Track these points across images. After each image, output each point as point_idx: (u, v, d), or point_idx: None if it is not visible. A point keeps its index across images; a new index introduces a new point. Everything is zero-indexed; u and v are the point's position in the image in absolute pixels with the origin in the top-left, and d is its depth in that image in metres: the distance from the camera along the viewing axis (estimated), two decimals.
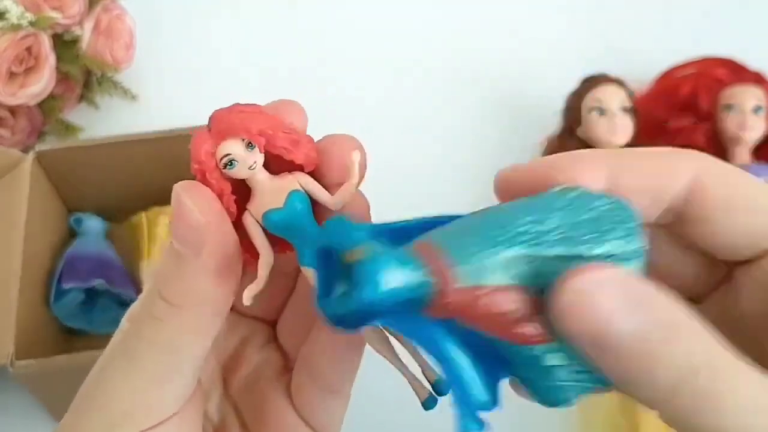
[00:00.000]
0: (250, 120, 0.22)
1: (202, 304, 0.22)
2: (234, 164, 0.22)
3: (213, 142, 0.22)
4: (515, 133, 0.72)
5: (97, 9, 0.67)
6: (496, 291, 0.19)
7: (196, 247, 0.21)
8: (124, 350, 0.23)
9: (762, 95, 0.65)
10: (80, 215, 0.60)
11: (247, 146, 0.22)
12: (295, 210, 0.22)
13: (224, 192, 0.22)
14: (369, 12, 0.81)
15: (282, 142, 0.22)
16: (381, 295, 0.18)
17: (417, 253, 0.19)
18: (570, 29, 0.81)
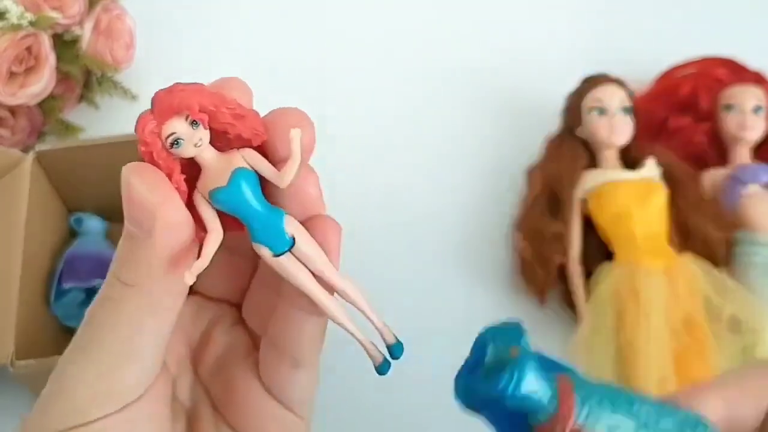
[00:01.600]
0: (191, 97, 0.22)
1: (156, 282, 0.22)
2: (180, 143, 0.22)
3: (157, 122, 0.22)
4: (515, 133, 0.72)
5: (97, 9, 0.67)
6: None
7: (146, 226, 0.22)
8: (82, 337, 0.23)
9: (762, 95, 0.65)
10: (80, 215, 0.60)
11: (191, 124, 0.22)
12: (240, 187, 0.22)
13: (173, 171, 0.22)
14: (369, 12, 0.81)
15: (226, 117, 0.22)
16: (517, 392, 0.22)
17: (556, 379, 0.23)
18: (570, 29, 0.81)
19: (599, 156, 0.63)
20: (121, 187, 0.22)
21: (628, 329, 0.55)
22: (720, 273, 0.59)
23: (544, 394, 0.22)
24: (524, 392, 0.22)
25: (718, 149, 0.67)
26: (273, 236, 0.23)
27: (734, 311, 0.56)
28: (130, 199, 0.22)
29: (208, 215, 0.23)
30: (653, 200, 0.60)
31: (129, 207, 0.22)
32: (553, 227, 0.61)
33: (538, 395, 0.22)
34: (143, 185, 0.22)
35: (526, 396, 0.22)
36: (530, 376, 0.22)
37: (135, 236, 0.22)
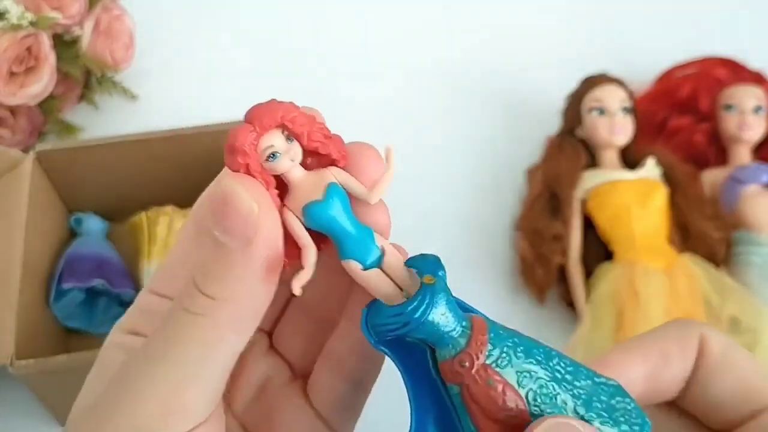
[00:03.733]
0: (291, 112, 0.22)
1: (246, 298, 0.21)
2: (276, 156, 0.22)
3: (256, 134, 0.21)
4: (515, 133, 0.72)
5: (97, 9, 0.67)
6: (507, 387, 0.21)
7: (246, 238, 0.21)
8: (155, 350, 0.21)
9: (762, 95, 0.65)
10: (80, 215, 0.60)
11: (287, 139, 0.22)
12: (335, 202, 0.22)
13: (269, 185, 0.22)
14: (369, 12, 0.81)
15: (318, 136, 0.22)
16: (425, 318, 0.21)
17: (470, 318, 0.22)
18: (570, 29, 0.81)
19: (599, 156, 0.63)
20: (217, 196, 0.21)
21: (628, 328, 0.55)
22: (719, 272, 0.59)
23: (455, 328, 0.22)
24: (432, 319, 0.21)
25: (718, 149, 0.67)
26: (364, 250, 0.22)
27: (733, 311, 0.56)
28: (230, 207, 0.21)
29: (301, 231, 0.22)
30: (653, 200, 0.60)
31: (228, 216, 0.21)
32: (553, 227, 0.61)
33: (447, 326, 0.21)
34: (248, 194, 0.21)
35: (434, 324, 0.21)
36: (441, 305, 0.21)
37: (226, 247, 0.21)
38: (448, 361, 0.22)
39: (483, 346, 0.21)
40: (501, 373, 0.21)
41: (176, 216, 0.58)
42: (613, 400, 0.22)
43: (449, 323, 0.22)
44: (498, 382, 0.21)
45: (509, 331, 0.22)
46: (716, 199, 0.63)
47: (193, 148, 0.58)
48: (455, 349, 0.22)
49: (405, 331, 0.21)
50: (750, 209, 0.61)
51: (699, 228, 0.60)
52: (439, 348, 0.22)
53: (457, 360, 0.21)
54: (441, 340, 0.22)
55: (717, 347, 0.24)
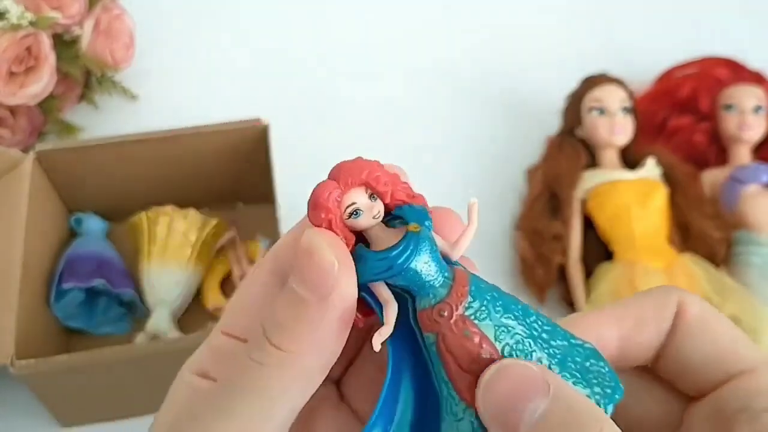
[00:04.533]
0: (375, 172, 0.22)
1: (314, 353, 0.21)
2: (359, 213, 0.22)
3: (340, 192, 0.22)
4: (515, 133, 0.72)
5: (97, 9, 0.67)
6: (483, 339, 0.21)
7: (323, 292, 0.21)
8: (221, 399, 0.21)
9: (762, 95, 0.65)
10: (80, 215, 0.60)
11: (370, 197, 0.22)
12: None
13: (349, 242, 0.22)
14: (369, 12, 0.81)
15: (401, 195, 0.23)
16: (407, 263, 0.21)
17: (453, 270, 0.22)
18: (570, 29, 0.81)
19: (599, 156, 0.63)
20: (299, 248, 0.21)
21: None
22: (719, 272, 0.59)
23: (436, 277, 0.22)
24: (415, 266, 0.21)
25: (718, 149, 0.67)
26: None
27: (734, 311, 0.56)
28: (311, 260, 0.21)
29: (380, 287, 0.22)
30: (653, 200, 0.60)
31: (308, 268, 0.21)
32: (553, 227, 0.61)
33: (429, 275, 0.22)
34: (330, 250, 0.21)
35: (416, 271, 0.22)
36: (425, 253, 0.22)
37: (303, 301, 0.21)
38: (427, 310, 0.22)
39: (463, 298, 0.22)
40: (479, 326, 0.22)
41: (176, 216, 0.58)
42: (588, 362, 0.23)
43: (431, 272, 0.22)
44: (475, 333, 0.21)
45: (490, 286, 0.23)
46: (716, 199, 0.63)
47: (193, 148, 0.58)
48: (435, 299, 0.22)
49: (388, 276, 0.22)
50: (750, 209, 0.61)
51: (699, 228, 0.60)
52: (419, 297, 0.22)
53: (437, 309, 0.22)
54: (422, 289, 0.22)
55: (694, 312, 0.24)
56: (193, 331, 0.56)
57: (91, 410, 0.54)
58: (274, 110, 0.60)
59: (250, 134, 0.58)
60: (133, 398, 0.53)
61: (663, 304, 0.24)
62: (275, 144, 0.56)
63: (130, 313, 0.58)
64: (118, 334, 0.57)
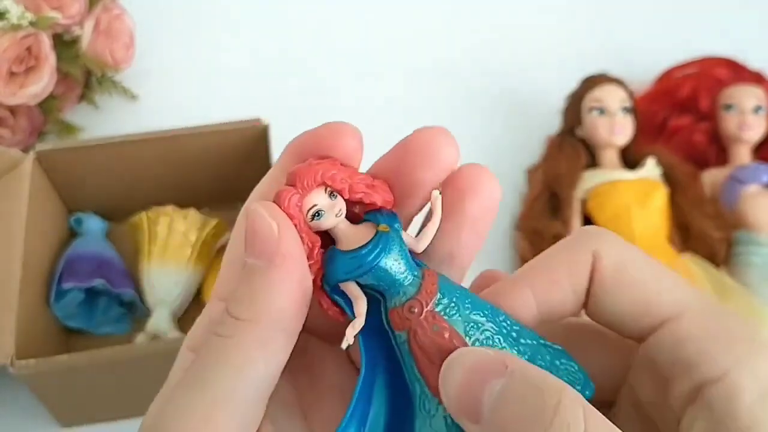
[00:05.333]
0: (331, 170, 0.23)
1: (270, 318, 0.22)
2: (321, 214, 0.23)
3: (299, 195, 0.22)
4: (515, 133, 0.72)
5: (97, 9, 0.67)
6: (453, 334, 0.22)
7: (269, 255, 0.21)
8: (185, 376, 0.22)
9: (762, 95, 0.65)
10: (80, 215, 0.60)
11: (330, 195, 0.23)
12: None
13: (315, 245, 0.23)
14: (369, 13, 0.81)
15: (361, 188, 0.23)
16: (376, 262, 0.22)
17: (422, 270, 0.23)
18: (570, 29, 0.81)
19: (599, 156, 0.63)
20: (245, 221, 0.22)
21: None
22: (719, 272, 0.59)
23: (406, 276, 0.22)
24: (384, 264, 0.22)
25: (718, 149, 0.67)
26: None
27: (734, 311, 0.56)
28: (254, 230, 0.22)
29: (350, 286, 0.23)
30: (653, 200, 0.60)
31: (253, 238, 0.22)
32: (553, 227, 0.61)
33: (398, 273, 0.22)
34: (267, 215, 0.22)
35: (386, 270, 0.22)
36: (393, 252, 0.22)
37: (254, 269, 0.22)
38: (398, 308, 0.22)
39: (432, 295, 0.22)
40: (448, 321, 0.22)
41: (176, 216, 0.58)
42: (557, 361, 0.23)
43: (401, 270, 0.22)
44: (445, 329, 0.22)
45: (459, 286, 0.23)
46: (716, 199, 0.63)
47: (193, 148, 0.58)
48: (405, 296, 0.22)
49: (358, 274, 0.22)
50: (750, 209, 0.61)
51: (699, 228, 0.60)
52: (390, 295, 0.23)
53: (407, 306, 0.22)
54: (392, 287, 0.23)
55: (609, 264, 0.23)
56: None
57: (91, 410, 0.54)
58: (274, 110, 0.60)
59: (250, 134, 0.58)
60: (133, 398, 0.53)
61: (575, 262, 0.23)
62: (275, 144, 0.56)
63: (130, 313, 0.58)
64: (118, 334, 0.57)
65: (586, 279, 0.23)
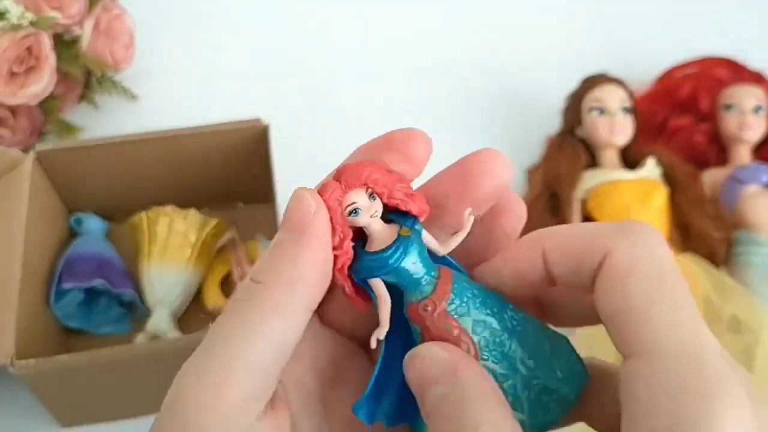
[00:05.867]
0: (376, 173, 0.25)
1: (289, 282, 0.23)
2: (358, 212, 0.25)
3: (342, 191, 0.24)
4: (516, 133, 0.72)
5: (97, 9, 0.67)
6: (461, 333, 0.24)
7: (300, 230, 0.23)
8: (204, 340, 0.23)
9: (762, 95, 0.65)
10: (80, 215, 0.60)
11: (370, 197, 0.25)
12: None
13: (346, 237, 0.24)
14: (369, 13, 0.81)
15: (399, 195, 0.25)
16: (397, 264, 0.24)
17: (438, 269, 0.25)
18: (570, 29, 0.81)
19: (599, 156, 0.63)
20: (289, 202, 0.24)
21: None
22: (719, 272, 0.59)
23: (424, 275, 0.25)
24: (404, 266, 0.24)
25: (718, 149, 0.67)
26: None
27: (734, 311, 0.56)
28: (294, 206, 0.24)
29: (376, 284, 0.25)
30: (653, 200, 0.60)
31: (291, 212, 0.24)
32: None
33: (417, 273, 0.24)
34: (311, 198, 0.24)
35: (405, 271, 0.24)
36: (413, 255, 0.24)
37: (282, 240, 0.24)
38: (414, 304, 0.25)
39: (446, 295, 0.24)
40: (458, 320, 0.24)
41: (176, 216, 0.58)
42: (557, 350, 0.25)
43: (419, 271, 0.24)
44: (455, 327, 0.24)
45: (473, 285, 0.25)
46: (716, 199, 0.63)
47: (193, 148, 0.58)
48: (422, 295, 0.24)
49: (380, 274, 0.24)
50: (750, 209, 0.61)
51: (699, 228, 0.60)
52: (408, 292, 0.25)
53: (422, 304, 0.24)
54: (411, 286, 0.25)
55: (613, 271, 0.23)
56: (193, 331, 0.56)
57: (91, 410, 0.54)
58: (274, 110, 0.60)
59: (250, 134, 0.58)
60: (133, 398, 0.53)
61: (588, 257, 0.24)
62: (275, 144, 0.56)
63: (130, 313, 0.58)
64: (118, 334, 0.57)
65: (591, 268, 0.24)
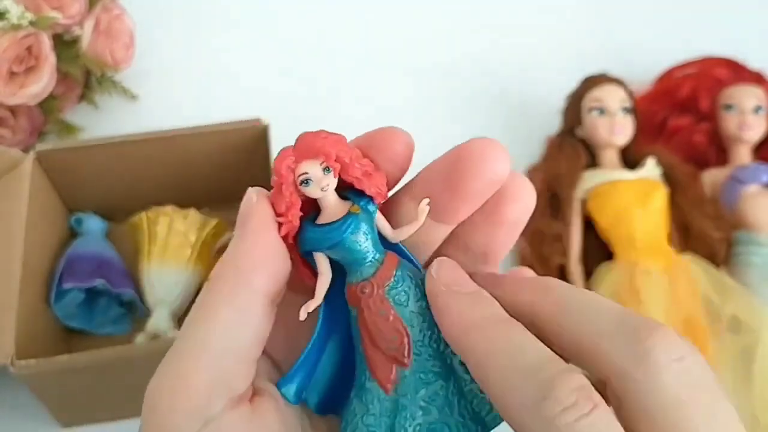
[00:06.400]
0: (332, 146, 0.24)
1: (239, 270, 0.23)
2: (309, 183, 0.24)
3: (295, 159, 0.24)
4: (516, 133, 0.72)
5: (97, 9, 0.67)
6: (396, 320, 0.23)
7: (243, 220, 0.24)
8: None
9: (762, 95, 0.65)
10: (80, 215, 0.60)
11: (324, 170, 0.24)
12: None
13: (293, 205, 0.24)
14: (370, 13, 0.81)
15: (355, 172, 0.24)
16: (339, 239, 0.23)
17: (385, 254, 0.24)
18: (570, 29, 0.81)
19: (599, 156, 0.63)
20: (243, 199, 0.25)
21: None
22: (719, 272, 0.59)
23: (367, 257, 0.24)
24: (349, 243, 0.24)
25: (718, 149, 0.67)
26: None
27: (734, 311, 0.56)
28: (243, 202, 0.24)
29: (320, 258, 0.24)
30: (653, 200, 0.60)
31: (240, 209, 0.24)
32: (553, 227, 0.61)
33: (361, 253, 0.24)
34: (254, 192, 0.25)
35: (349, 248, 0.24)
36: (359, 233, 0.24)
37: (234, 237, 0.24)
38: (353, 286, 0.24)
39: (386, 280, 0.24)
40: (395, 308, 0.24)
41: (176, 216, 0.58)
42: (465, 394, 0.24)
43: (363, 251, 0.24)
44: (390, 314, 0.24)
45: (419, 276, 0.24)
46: (716, 199, 0.63)
47: (193, 148, 0.58)
48: (362, 276, 0.24)
49: (323, 247, 0.24)
50: (750, 209, 0.61)
51: (699, 228, 0.60)
52: (350, 272, 0.24)
53: (360, 286, 0.24)
54: (352, 265, 0.24)
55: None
56: None
57: (91, 410, 0.54)
58: (274, 110, 0.60)
59: (250, 134, 0.58)
60: (133, 398, 0.53)
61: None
62: (275, 144, 0.56)
63: (130, 313, 0.58)
64: (118, 334, 0.57)
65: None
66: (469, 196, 0.25)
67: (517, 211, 0.26)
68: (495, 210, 0.25)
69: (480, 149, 0.24)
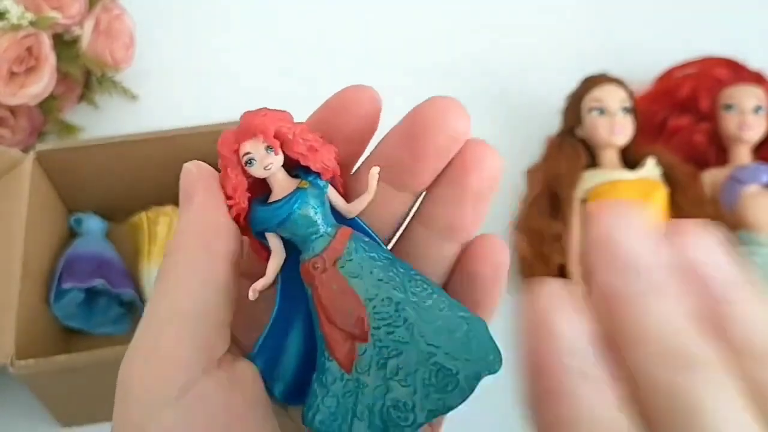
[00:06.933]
0: (270, 123, 0.23)
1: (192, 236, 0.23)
2: (253, 162, 0.23)
3: (237, 140, 0.24)
4: (516, 133, 0.72)
5: (97, 9, 0.67)
6: (351, 296, 0.22)
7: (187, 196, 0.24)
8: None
9: (762, 95, 0.65)
10: (80, 215, 0.60)
11: (267, 148, 0.23)
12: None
13: (239, 186, 0.24)
14: (370, 13, 0.81)
15: (300, 147, 0.24)
16: (285, 215, 0.23)
17: (338, 227, 0.24)
18: (570, 29, 0.81)
19: (599, 156, 0.63)
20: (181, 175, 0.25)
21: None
22: None
23: (317, 231, 0.23)
24: (297, 218, 0.23)
25: (718, 149, 0.67)
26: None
27: None
28: (182, 177, 0.24)
29: (272, 238, 0.24)
30: (653, 200, 0.60)
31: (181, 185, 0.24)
32: (553, 227, 0.61)
33: (311, 228, 0.23)
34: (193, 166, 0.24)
35: (295, 223, 0.23)
36: (308, 207, 0.23)
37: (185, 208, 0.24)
38: (306, 263, 0.23)
39: (338, 253, 0.23)
40: (350, 283, 0.23)
41: (176, 216, 0.58)
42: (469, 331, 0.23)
43: (313, 225, 0.23)
44: (344, 290, 0.23)
45: (378, 249, 0.24)
46: (716, 199, 0.63)
47: (193, 148, 0.58)
48: (313, 252, 0.23)
49: (271, 225, 0.23)
50: (750, 209, 0.61)
51: None
52: (303, 250, 0.24)
53: (312, 262, 0.23)
54: (305, 241, 0.23)
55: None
56: None
57: (91, 410, 0.54)
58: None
59: None
60: None
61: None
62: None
63: (130, 313, 0.58)
64: (118, 334, 0.57)
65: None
66: (429, 155, 0.24)
67: (481, 180, 0.25)
68: (457, 179, 0.24)
69: (437, 106, 0.24)
